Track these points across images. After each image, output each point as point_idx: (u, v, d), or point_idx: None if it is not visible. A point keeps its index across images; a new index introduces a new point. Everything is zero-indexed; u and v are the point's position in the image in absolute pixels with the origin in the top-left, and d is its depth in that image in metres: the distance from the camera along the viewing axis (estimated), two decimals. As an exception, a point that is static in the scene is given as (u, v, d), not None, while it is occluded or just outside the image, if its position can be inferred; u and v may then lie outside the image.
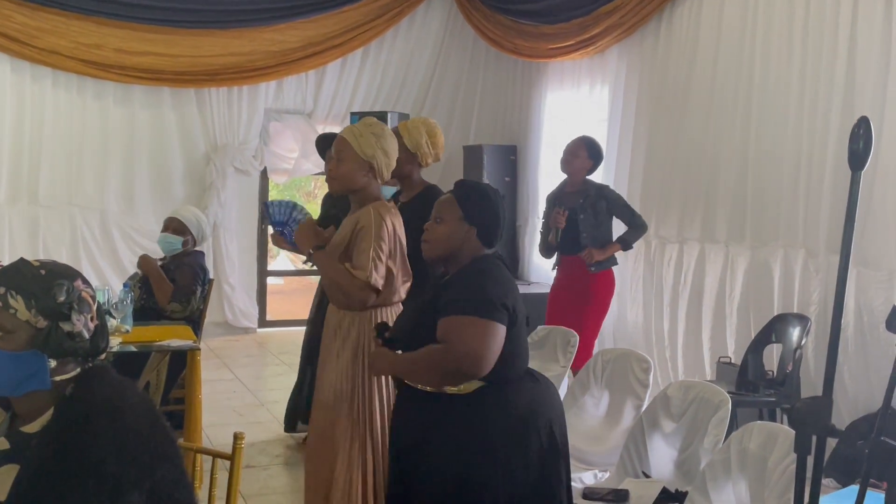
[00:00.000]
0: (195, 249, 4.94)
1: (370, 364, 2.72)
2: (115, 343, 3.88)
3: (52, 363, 1.65)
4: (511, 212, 7.90)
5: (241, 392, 6.18)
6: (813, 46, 4.93)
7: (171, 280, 4.71)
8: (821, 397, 1.71)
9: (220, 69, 7.80)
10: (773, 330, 4.78)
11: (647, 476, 3.21)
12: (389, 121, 7.44)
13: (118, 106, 7.69)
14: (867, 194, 4.45)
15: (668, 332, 5.99)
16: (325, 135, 4.91)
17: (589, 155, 5.14)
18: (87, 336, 1.68)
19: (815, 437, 1.72)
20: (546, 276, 5.46)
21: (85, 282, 1.71)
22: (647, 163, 6.30)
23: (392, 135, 3.20)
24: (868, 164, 1.77)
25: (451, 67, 8.66)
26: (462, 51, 8.65)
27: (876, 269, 4.51)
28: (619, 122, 6.68)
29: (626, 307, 6.36)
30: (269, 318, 8.69)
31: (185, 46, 7.66)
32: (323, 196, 5.04)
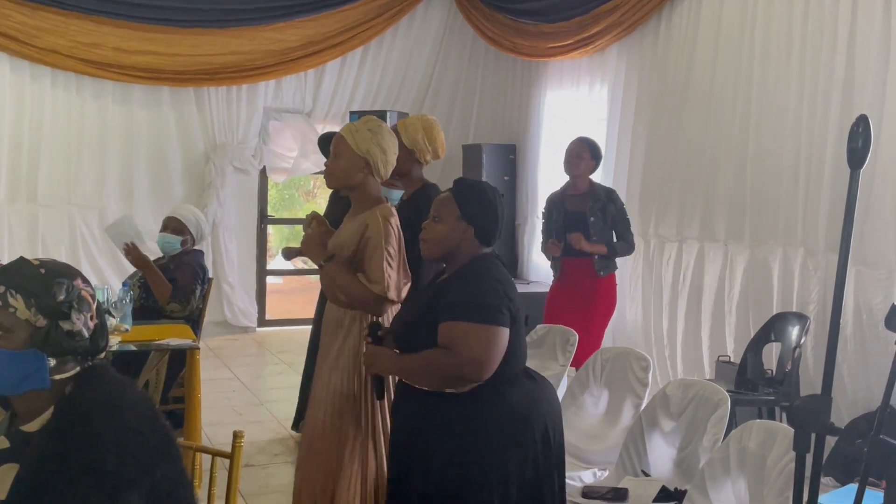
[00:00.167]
0: (194, 248, 4.94)
1: (367, 363, 2.71)
2: (115, 342, 3.88)
3: (52, 362, 1.65)
4: (510, 211, 7.90)
5: (241, 391, 6.18)
6: (812, 45, 4.93)
7: (171, 279, 4.71)
8: (820, 395, 1.71)
9: (220, 68, 7.80)
10: (772, 329, 4.79)
11: (647, 475, 3.22)
12: (389, 120, 7.44)
13: (117, 105, 7.68)
14: (866, 193, 4.45)
15: (667, 331, 5.99)
16: (327, 134, 4.92)
17: (592, 156, 5.12)
18: (86, 335, 1.68)
19: (814, 436, 1.73)
20: (545, 275, 5.45)
21: (84, 280, 1.71)
22: (647, 161, 6.30)
23: (391, 132, 3.19)
24: (867, 163, 1.77)
25: (451, 66, 8.65)
26: (461, 50, 8.65)
27: (875, 267, 4.51)
28: (618, 120, 6.68)
29: (626, 306, 6.36)
30: (269, 317, 8.68)
31: (184, 45, 7.65)
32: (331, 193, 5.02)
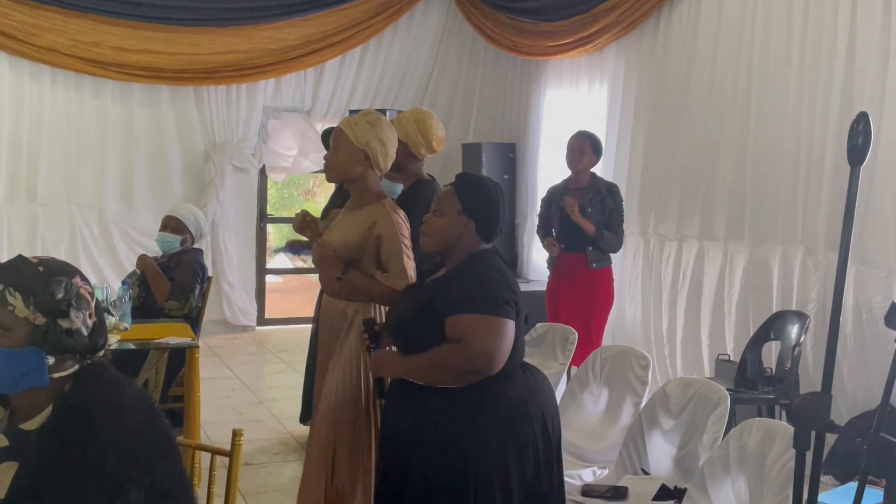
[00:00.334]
0: (194, 247, 4.94)
1: (374, 367, 2.65)
2: (114, 341, 3.88)
3: (51, 360, 1.65)
4: (510, 209, 7.88)
5: (240, 390, 6.18)
6: (812, 43, 4.93)
7: (170, 278, 4.71)
8: (820, 393, 1.71)
9: (219, 67, 7.80)
10: (771, 327, 4.78)
11: (646, 473, 3.21)
12: (388, 118, 7.43)
13: (117, 104, 7.68)
14: (866, 191, 4.45)
15: (666, 330, 5.99)
16: (329, 129, 4.91)
17: (593, 150, 5.14)
18: (85, 333, 1.68)
19: (813, 433, 1.72)
20: (545, 273, 5.45)
21: (83, 279, 1.71)
22: (646, 160, 6.30)
23: (390, 125, 3.20)
24: (867, 162, 1.77)
25: (450, 65, 8.65)
26: (461, 48, 8.65)
27: (875, 266, 4.51)
28: (617, 119, 6.67)
29: (625, 305, 6.36)
30: (268, 316, 8.68)
31: (183, 44, 7.65)
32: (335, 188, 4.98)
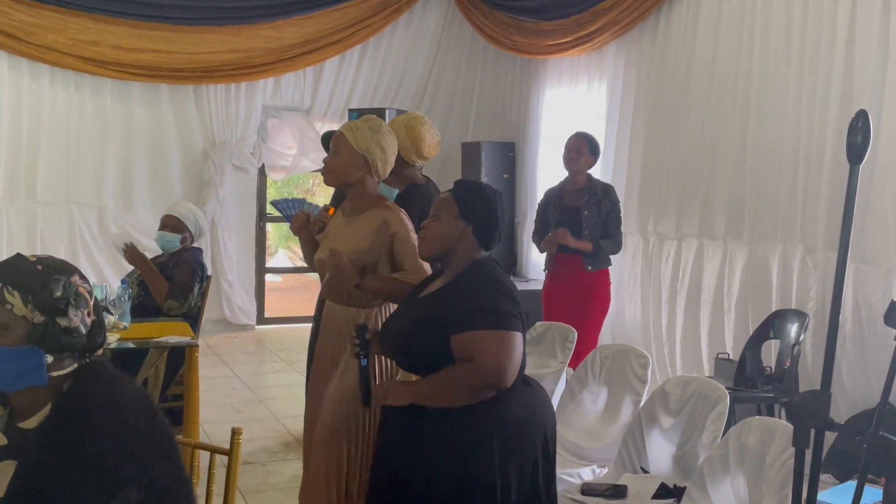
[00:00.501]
0: (193, 246, 4.94)
1: (381, 397, 2.49)
2: (113, 340, 3.88)
3: (49, 359, 1.65)
4: (509, 209, 7.89)
5: (240, 389, 6.18)
6: (811, 41, 4.93)
7: (169, 277, 4.70)
8: (819, 391, 1.71)
9: (218, 66, 7.79)
10: (771, 326, 4.78)
11: (646, 471, 3.21)
12: (387, 118, 7.43)
13: (116, 103, 7.68)
14: (865, 190, 4.45)
15: (666, 329, 5.99)
16: (329, 133, 4.91)
17: (590, 151, 5.12)
18: (83, 331, 1.68)
19: (813, 431, 1.72)
20: (542, 273, 5.45)
21: (82, 277, 1.71)
22: (646, 159, 6.30)
23: (391, 132, 3.18)
24: (866, 160, 1.77)
25: (450, 64, 8.65)
26: (460, 47, 8.64)
27: (874, 264, 4.51)
28: (617, 118, 6.67)
29: (625, 303, 6.37)
30: (268, 315, 8.68)
31: (182, 43, 7.65)
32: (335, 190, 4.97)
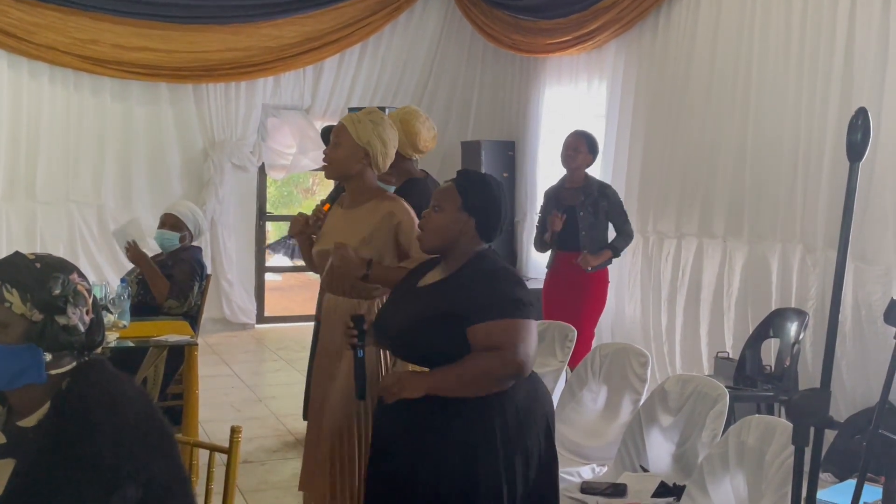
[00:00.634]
0: (192, 245, 4.94)
1: (395, 390, 2.36)
2: (113, 338, 3.88)
3: (48, 357, 1.64)
4: (509, 208, 7.87)
5: (239, 388, 6.17)
6: (811, 40, 4.92)
7: (169, 276, 4.70)
8: (819, 389, 1.70)
9: (218, 65, 7.79)
10: (770, 325, 4.79)
11: (645, 470, 3.21)
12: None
13: (115, 102, 7.68)
14: (865, 189, 4.45)
15: (665, 327, 5.99)
16: (329, 127, 4.89)
17: (589, 149, 5.12)
18: (82, 329, 1.67)
19: (812, 430, 1.72)
20: (543, 271, 5.45)
21: (80, 275, 1.71)
22: (645, 158, 6.30)
23: (392, 126, 3.17)
24: (866, 159, 1.76)
25: (449, 63, 8.64)
26: (460, 46, 8.64)
27: (874, 263, 4.51)
28: (616, 117, 6.67)
29: (624, 302, 6.37)
30: (267, 314, 8.68)
31: (182, 42, 7.65)
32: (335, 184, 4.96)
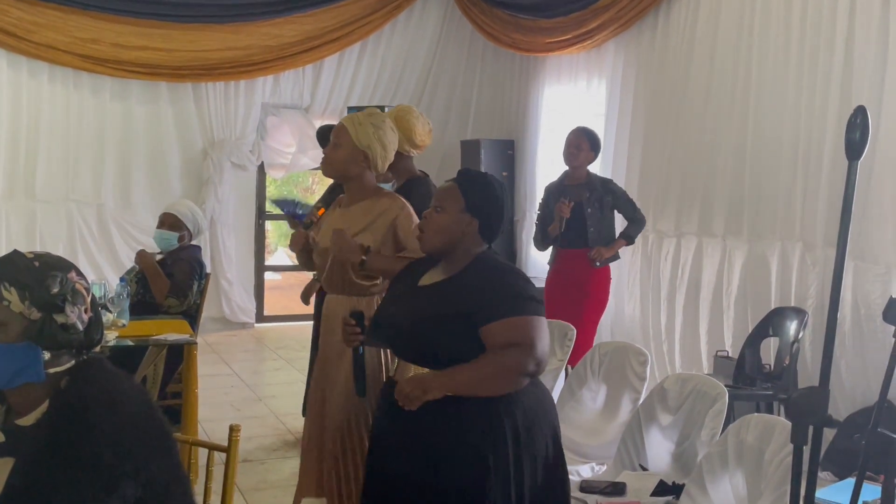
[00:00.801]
0: (192, 244, 4.93)
1: (418, 393, 2.27)
2: (112, 337, 3.87)
3: (46, 355, 1.64)
4: (509, 207, 7.87)
5: (239, 387, 6.17)
6: (810, 39, 4.92)
7: (168, 275, 4.70)
8: (817, 387, 1.70)
9: (217, 64, 7.79)
10: (770, 323, 4.79)
11: (645, 469, 3.21)
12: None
13: (115, 101, 7.68)
14: (864, 188, 4.45)
15: (665, 326, 5.99)
16: (325, 127, 4.89)
17: (591, 147, 5.12)
18: (81, 328, 1.67)
19: (811, 428, 1.72)
20: (543, 269, 5.45)
21: (79, 273, 1.71)
22: (645, 157, 6.30)
23: (393, 129, 3.17)
24: (865, 157, 1.76)
25: (449, 62, 8.64)
26: (459, 45, 8.64)
27: (873, 262, 4.51)
28: (616, 116, 6.67)
29: (624, 301, 6.37)
30: (267, 313, 8.68)
31: (181, 41, 7.64)
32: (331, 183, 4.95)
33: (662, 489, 3.02)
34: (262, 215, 8.51)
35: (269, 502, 4.08)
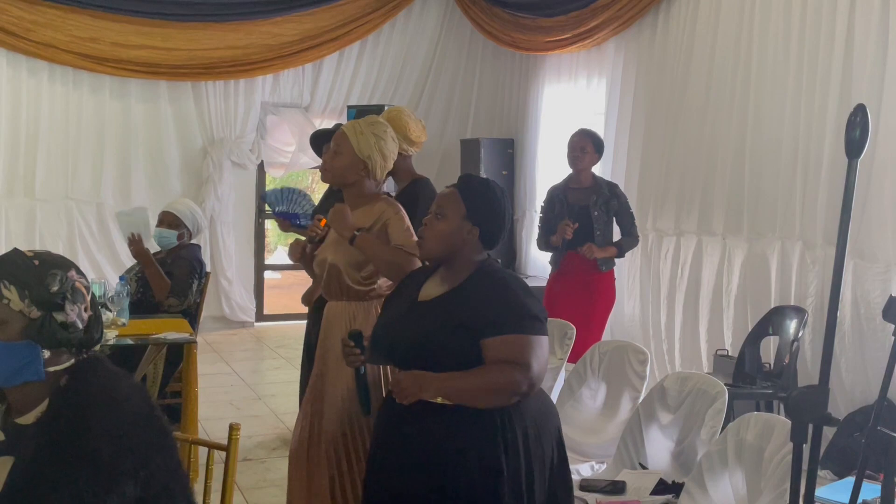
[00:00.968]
0: (191, 243, 4.93)
1: (411, 390, 2.26)
2: (112, 336, 3.88)
3: (46, 354, 1.64)
4: (509, 206, 7.86)
5: (239, 386, 6.18)
6: (810, 37, 4.92)
7: (168, 273, 4.70)
8: (817, 386, 1.70)
9: (217, 62, 7.79)
10: (770, 322, 4.79)
11: (644, 467, 3.22)
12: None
13: (115, 99, 7.67)
14: (864, 187, 4.45)
15: (665, 325, 5.99)
16: (319, 132, 4.85)
17: (595, 149, 5.09)
18: (80, 326, 1.68)
19: (811, 427, 1.72)
20: (543, 269, 5.45)
21: (79, 272, 1.71)
22: (645, 156, 6.29)
23: (394, 138, 3.16)
24: (865, 156, 1.76)
25: (449, 61, 8.63)
26: (459, 44, 8.63)
27: (873, 261, 4.51)
28: (616, 115, 6.67)
29: (624, 300, 6.36)
30: (267, 312, 8.69)
31: (181, 40, 7.64)
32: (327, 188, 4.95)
33: (662, 488, 3.02)
34: (261, 214, 8.51)
35: (268, 501, 4.08)
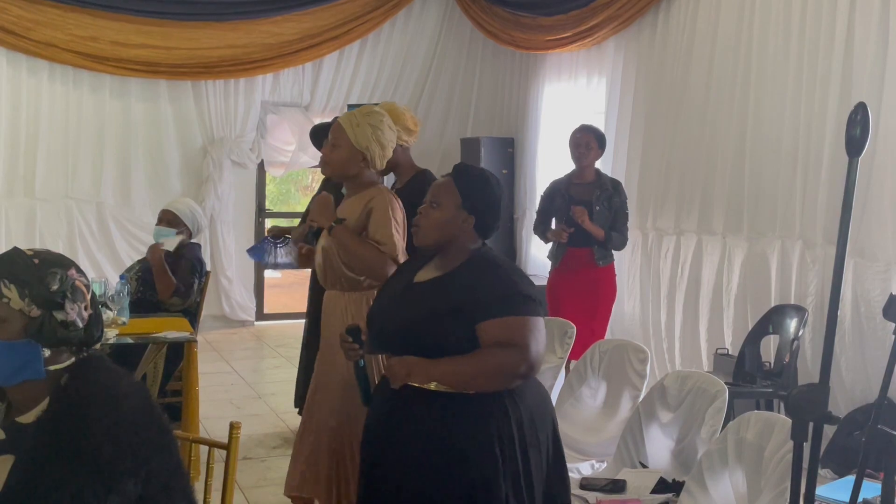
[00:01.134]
0: (192, 242, 4.93)
1: (401, 375, 2.29)
2: (112, 335, 3.88)
3: (46, 352, 1.65)
4: (509, 204, 7.88)
5: (239, 385, 6.18)
6: (810, 36, 4.92)
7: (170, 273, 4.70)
8: (817, 384, 1.70)
9: (217, 62, 7.78)
10: (770, 321, 4.79)
11: (645, 466, 3.22)
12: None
13: (115, 99, 7.67)
14: (864, 185, 4.45)
15: (665, 324, 5.99)
16: (318, 126, 4.86)
17: (599, 145, 5.12)
18: (80, 325, 1.68)
19: (811, 425, 1.72)
20: (544, 267, 5.45)
21: (79, 271, 1.71)
22: (645, 154, 6.29)
23: (391, 127, 3.17)
24: (865, 155, 1.76)
25: (449, 60, 8.63)
26: (459, 43, 8.63)
27: (873, 260, 4.51)
28: (616, 113, 6.66)
29: (624, 299, 6.36)
30: (267, 311, 8.69)
31: (181, 39, 7.64)
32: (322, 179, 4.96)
33: (662, 486, 3.02)
34: (261, 213, 8.51)
35: (268, 499, 4.08)
